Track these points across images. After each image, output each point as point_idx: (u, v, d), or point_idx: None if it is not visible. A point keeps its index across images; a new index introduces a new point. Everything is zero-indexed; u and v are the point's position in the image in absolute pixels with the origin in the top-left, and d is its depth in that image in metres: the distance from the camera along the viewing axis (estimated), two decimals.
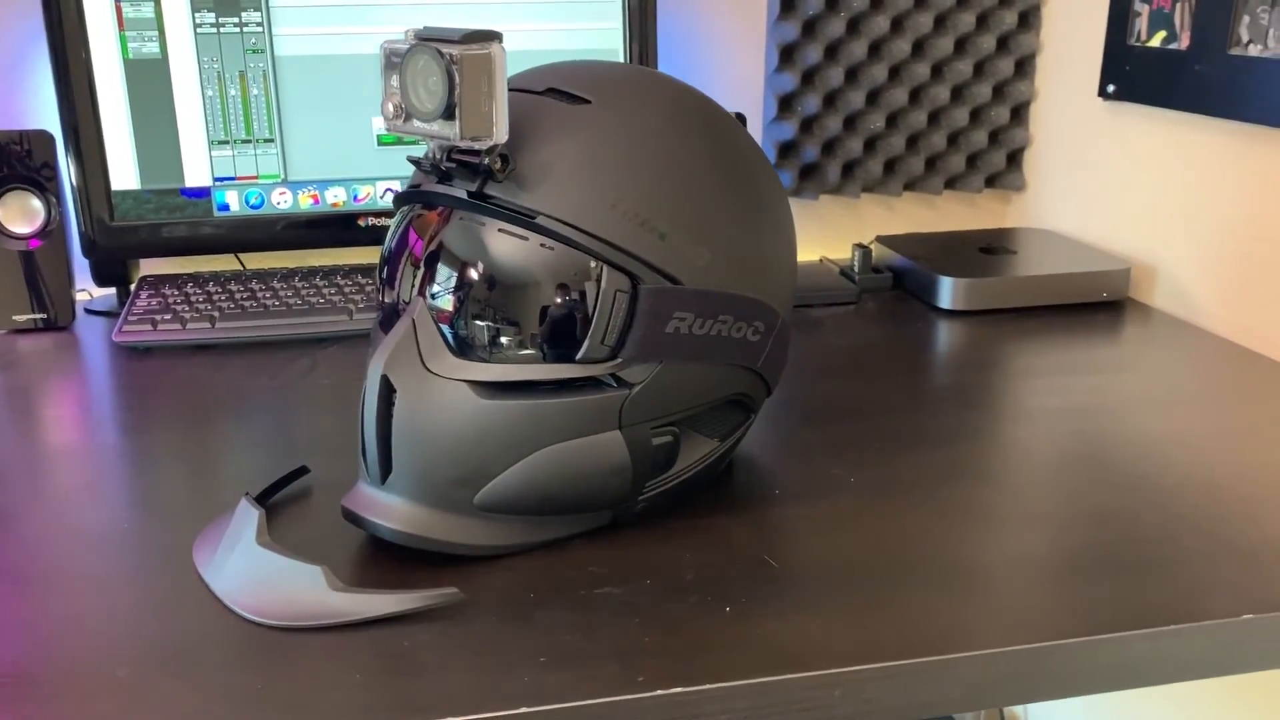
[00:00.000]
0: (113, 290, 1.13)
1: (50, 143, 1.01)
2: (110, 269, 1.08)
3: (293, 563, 0.57)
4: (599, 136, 0.60)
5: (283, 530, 0.65)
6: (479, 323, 0.59)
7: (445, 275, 0.60)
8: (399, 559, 0.62)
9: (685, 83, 0.67)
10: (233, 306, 1.01)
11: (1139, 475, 0.72)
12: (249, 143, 1.05)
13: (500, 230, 0.59)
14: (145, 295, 1.03)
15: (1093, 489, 0.70)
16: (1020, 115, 1.27)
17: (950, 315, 1.06)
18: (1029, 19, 1.23)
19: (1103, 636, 0.55)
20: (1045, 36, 1.24)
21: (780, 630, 0.55)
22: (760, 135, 1.25)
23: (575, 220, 0.58)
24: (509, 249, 0.59)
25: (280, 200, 1.06)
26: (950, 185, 1.29)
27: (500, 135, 0.57)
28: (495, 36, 0.57)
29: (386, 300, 0.64)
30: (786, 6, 1.19)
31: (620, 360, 0.60)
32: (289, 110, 1.04)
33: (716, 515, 0.67)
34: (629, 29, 1.08)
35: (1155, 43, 1.04)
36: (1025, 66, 1.25)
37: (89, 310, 1.09)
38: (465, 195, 0.59)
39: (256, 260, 1.16)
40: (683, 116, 0.63)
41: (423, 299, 0.60)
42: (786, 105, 1.22)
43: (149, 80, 1.02)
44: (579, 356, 0.59)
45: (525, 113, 0.61)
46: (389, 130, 0.60)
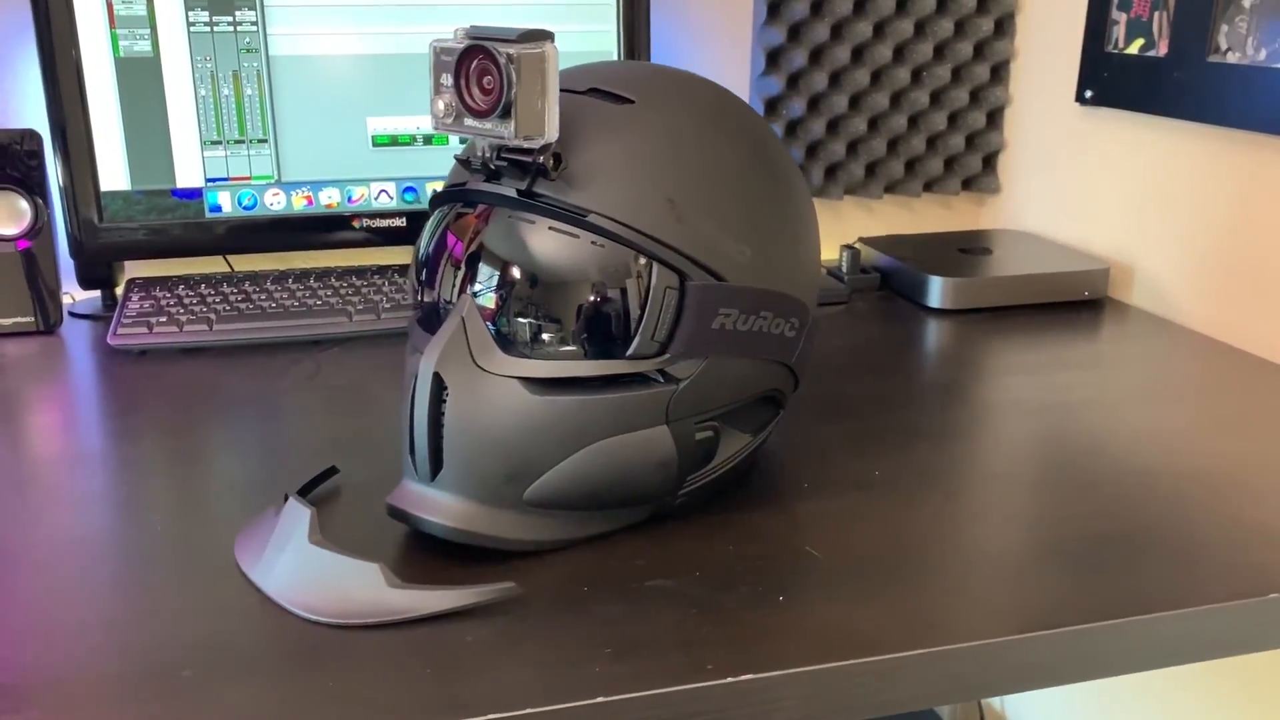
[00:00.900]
0: (96, 294, 1.11)
1: (37, 142, 0.99)
2: (96, 271, 1.06)
3: (348, 560, 0.57)
4: (644, 136, 0.61)
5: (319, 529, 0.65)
6: (529, 320, 0.60)
7: (494, 273, 0.60)
8: (441, 555, 0.62)
9: (717, 84, 0.68)
10: (228, 309, 1.00)
11: (1139, 467, 0.75)
12: (242, 143, 1.03)
13: (551, 228, 0.59)
14: (136, 298, 1.01)
15: (1106, 479, 0.73)
16: (995, 120, 1.31)
17: (939, 314, 1.09)
18: (1004, 26, 1.27)
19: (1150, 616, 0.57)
20: (1023, 43, 1.28)
21: (835, 617, 0.57)
22: None
23: (625, 218, 0.59)
24: (560, 247, 0.59)
25: (274, 201, 1.05)
26: (929, 188, 1.32)
27: (551, 134, 0.58)
28: (548, 36, 0.57)
29: (426, 299, 0.64)
30: (772, 12, 1.21)
31: (668, 356, 0.61)
32: (283, 110, 1.03)
33: (751, 509, 0.68)
34: (622, 32, 1.09)
35: (1133, 50, 1.08)
36: (1000, 72, 1.29)
37: (73, 313, 1.07)
38: (515, 194, 0.60)
39: (244, 262, 1.15)
40: (722, 117, 0.64)
41: (471, 297, 0.60)
42: (772, 109, 1.24)
43: (140, 79, 1.00)
44: (629, 352, 0.60)
45: (571, 112, 0.61)
46: (438, 129, 0.60)
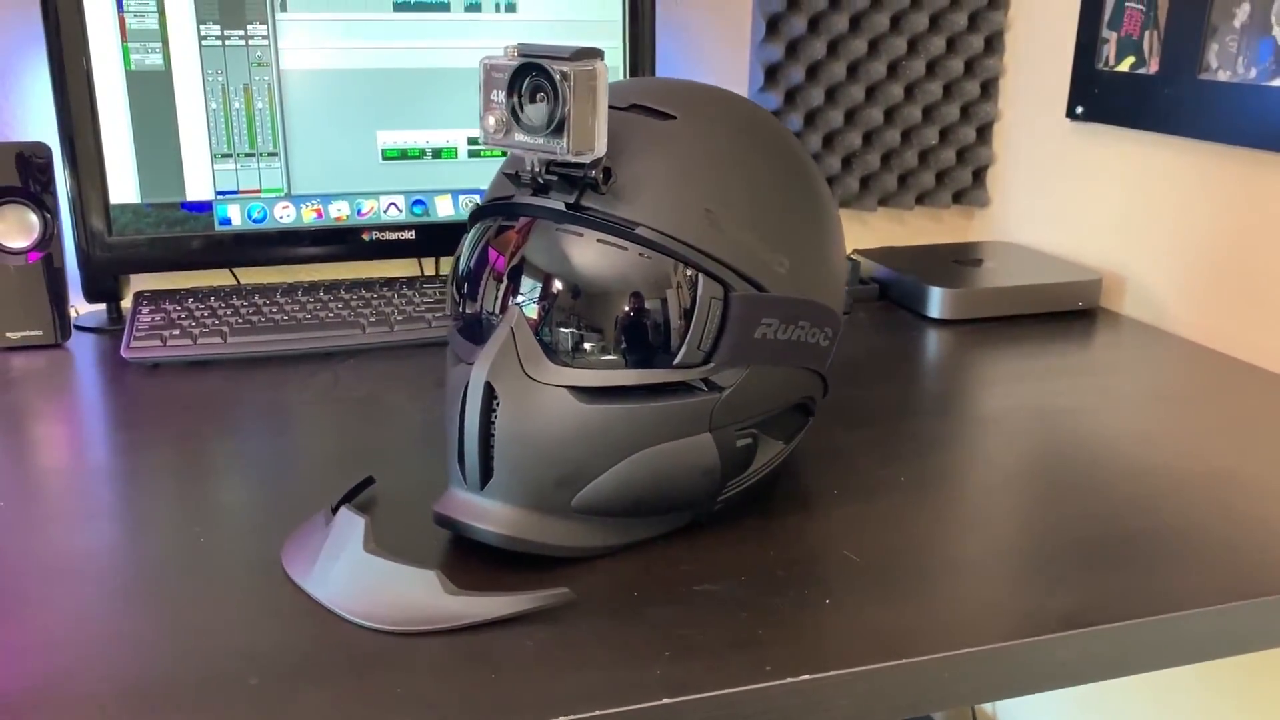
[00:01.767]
0: (101, 307, 1.10)
1: (47, 155, 0.99)
2: (102, 284, 1.05)
3: (405, 568, 0.58)
4: (687, 150, 0.62)
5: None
6: (576, 330, 0.61)
7: (542, 285, 0.61)
8: (486, 562, 0.63)
9: (748, 99, 0.70)
10: (240, 322, 1.00)
11: (1153, 468, 0.77)
12: (252, 156, 1.04)
13: (599, 240, 0.61)
14: (146, 311, 1.01)
15: (1121, 480, 0.75)
16: (985, 135, 1.34)
17: (938, 324, 1.12)
18: (994, 44, 1.30)
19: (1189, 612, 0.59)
20: (1014, 60, 1.31)
21: (882, 618, 0.58)
22: None
23: (672, 230, 0.61)
24: (608, 259, 0.61)
25: (283, 214, 1.06)
26: (920, 200, 1.35)
27: (601, 149, 0.59)
28: (599, 54, 0.59)
29: (468, 310, 0.65)
30: (770, 29, 1.23)
31: (713, 365, 0.62)
32: (293, 124, 1.04)
33: (786, 514, 0.70)
34: (628, 46, 1.11)
35: (1124, 67, 1.12)
36: (990, 89, 1.32)
37: (79, 327, 1.06)
38: (564, 207, 0.61)
39: (250, 275, 1.15)
40: (759, 131, 0.66)
41: (519, 308, 0.62)
42: None
43: (151, 92, 1.00)
44: (676, 362, 0.61)
45: (616, 127, 0.63)
46: (488, 144, 0.61)
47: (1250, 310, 1.02)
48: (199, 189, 1.03)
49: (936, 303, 1.12)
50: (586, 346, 0.61)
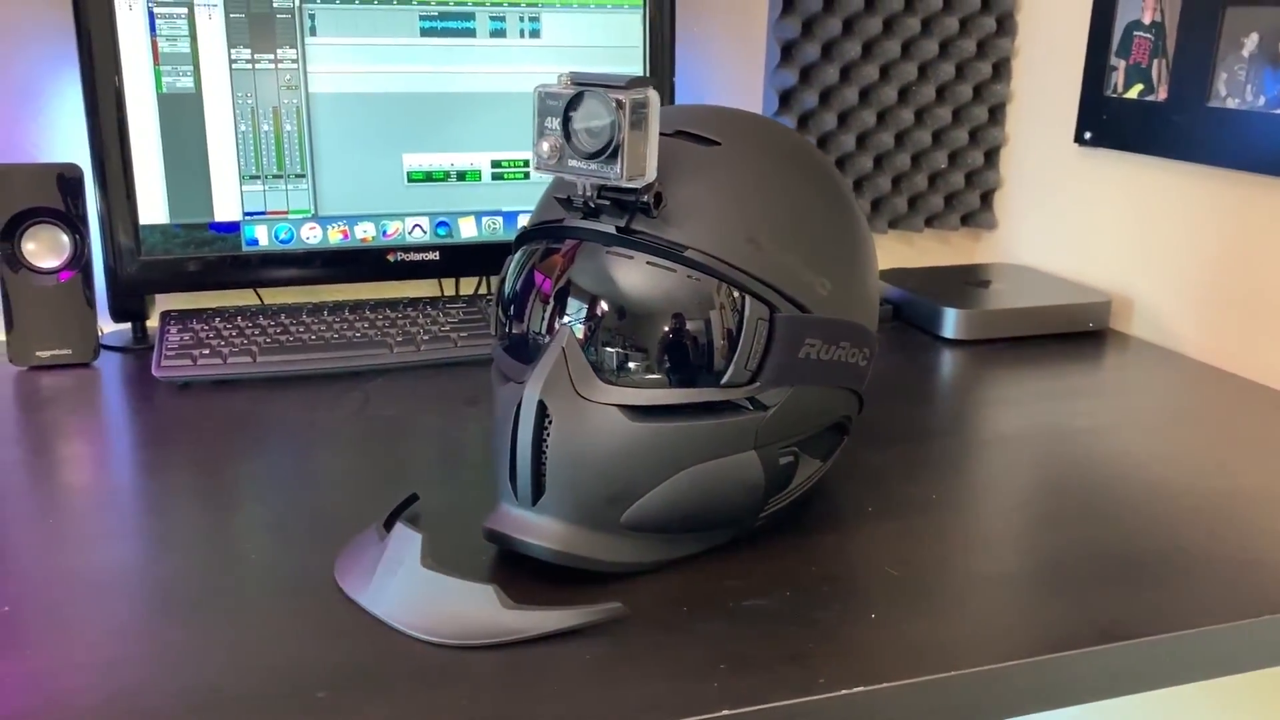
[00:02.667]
0: (126, 326, 1.11)
1: (79, 176, 1.00)
2: (130, 304, 1.06)
3: (463, 583, 0.59)
4: (733, 175, 0.64)
5: None
6: (625, 349, 0.63)
7: (591, 306, 0.63)
8: (535, 577, 0.64)
9: (785, 124, 0.71)
10: (268, 341, 1.01)
11: (1173, 486, 0.79)
12: (280, 178, 1.05)
13: (649, 263, 0.62)
14: (175, 330, 1.02)
15: (1144, 497, 0.77)
16: (992, 159, 1.36)
17: (952, 344, 1.13)
18: (1001, 70, 1.33)
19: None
20: (1022, 86, 1.34)
21: (927, 632, 0.60)
22: None
23: (719, 252, 0.62)
24: (658, 281, 0.62)
25: (310, 235, 1.07)
26: (929, 223, 1.37)
27: (652, 174, 0.61)
28: (650, 82, 0.61)
29: (515, 330, 0.67)
30: (785, 54, 1.25)
31: (759, 384, 0.64)
32: (321, 146, 1.05)
33: (824, 531, 0.71)
34: (648, 72, 1.13)
35: (1132, 95, 1.14)
36: (997, 114, 1.35)
37: (104, 345, 1.07)
38: (614, 230, 0.63)
39: (274, 295, 1.16)
40: (799, 157, 0.68)
41: (569, 328, 0.63)
42: None
43: (182, 114, 1.01)
44: (724, 381, 0.63)
45: (661, 153, 0.64)
46: (539, 169, 0.63)
47: (1258, 331, 1.05)
48: (227, 210, 1.04)
49: (951, 323, 1.14)
50: (635, 366, 0.63)
